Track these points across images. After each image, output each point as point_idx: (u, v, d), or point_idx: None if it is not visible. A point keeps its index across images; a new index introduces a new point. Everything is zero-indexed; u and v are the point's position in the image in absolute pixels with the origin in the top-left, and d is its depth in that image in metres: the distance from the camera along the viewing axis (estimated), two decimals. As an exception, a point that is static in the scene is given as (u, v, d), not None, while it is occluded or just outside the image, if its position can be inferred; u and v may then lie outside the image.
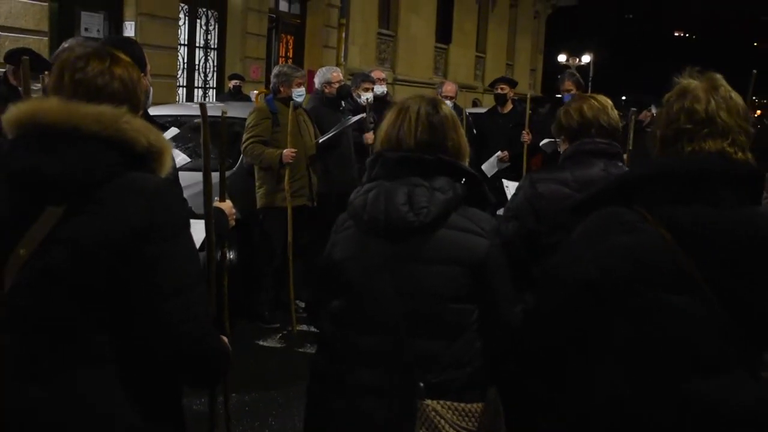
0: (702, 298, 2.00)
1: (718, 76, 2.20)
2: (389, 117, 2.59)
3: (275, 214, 6.59)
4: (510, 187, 3.67)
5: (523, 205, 3.17)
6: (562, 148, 3.35)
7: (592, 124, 3.25)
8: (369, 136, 7.46)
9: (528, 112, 7.95)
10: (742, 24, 74.95)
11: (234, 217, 3.10)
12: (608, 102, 3.34)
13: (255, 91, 13.79)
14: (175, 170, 3.16)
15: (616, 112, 3.34)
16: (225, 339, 2.17)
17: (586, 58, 39.50)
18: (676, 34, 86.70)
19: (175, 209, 2.00)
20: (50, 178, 1.90)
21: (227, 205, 3.08)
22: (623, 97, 7.18)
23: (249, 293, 6.67)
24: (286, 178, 6.46)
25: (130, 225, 1.88)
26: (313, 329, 6.49)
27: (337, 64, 16.47)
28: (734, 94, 2.18)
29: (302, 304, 6.71)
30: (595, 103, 3.30)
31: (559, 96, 8.03)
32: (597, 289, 2.08)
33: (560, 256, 2.20)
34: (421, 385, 2.37)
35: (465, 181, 2.53)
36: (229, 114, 7.83)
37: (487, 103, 21.92)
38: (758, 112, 45.21)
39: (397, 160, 2.50)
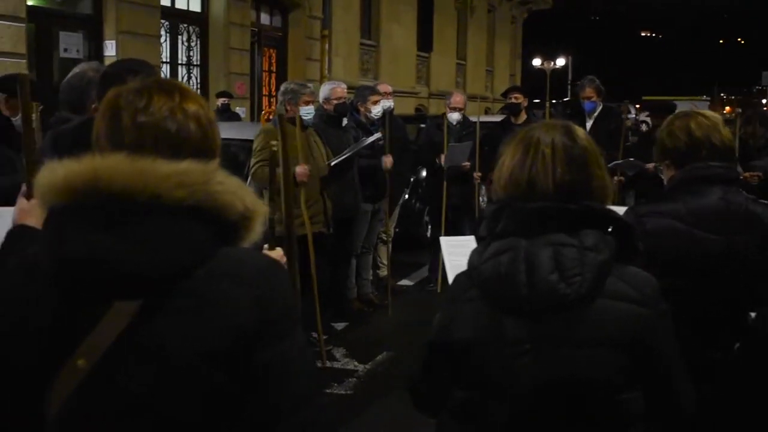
0: None
1: None
2: (512, 153, 2.01)
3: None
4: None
5: None
6: (667, 175, 2.92)
7: (703, 145, 2.84)
8: (388, 161, 7.10)
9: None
10: (705, 20, 75.72)
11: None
12: (718, 118, 2.92)
13: (243, 108, 13.35)
14: None
15: (728, 129, 2.92)
16: None
17: (560, 62, 39.53)
18: (643, 33, 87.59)
19: (288, 295, 1.50)
20: (124, 274, 1.37)
21: (278, 254, 2.60)
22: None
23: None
24: (302, 202, 5.92)
25: (237, 326, 1.39)
26: (338, 365, 6.04)
27: (321, 77, 16.05)
28: None
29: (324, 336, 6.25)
30: (704, 119, 2.88)
31: (566, 100, 7.58)
32: None
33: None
34: None
35: (612, 230, 1.98)
36: (224, 136, 7.50)
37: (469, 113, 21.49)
38: (728, 108, 45.41)
39: (533, 212, 1.94)
